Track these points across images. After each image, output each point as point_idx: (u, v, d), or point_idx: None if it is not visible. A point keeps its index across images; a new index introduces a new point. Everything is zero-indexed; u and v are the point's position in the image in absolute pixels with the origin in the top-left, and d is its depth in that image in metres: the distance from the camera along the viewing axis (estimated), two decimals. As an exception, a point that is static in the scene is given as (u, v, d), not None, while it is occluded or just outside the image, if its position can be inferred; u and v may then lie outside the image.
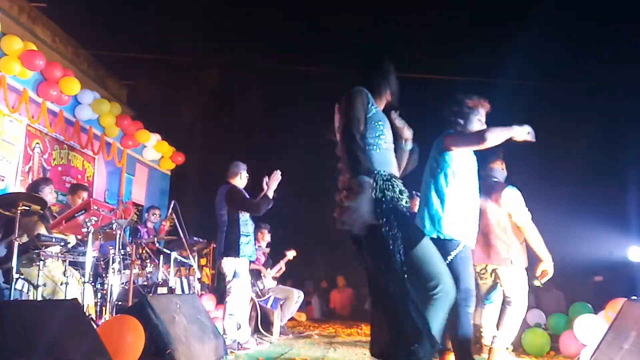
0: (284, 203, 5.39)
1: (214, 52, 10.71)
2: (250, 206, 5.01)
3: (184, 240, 6.19)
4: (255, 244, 5.29)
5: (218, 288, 8.73)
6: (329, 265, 11.52)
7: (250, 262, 5.23)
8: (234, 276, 4.92)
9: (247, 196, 5.13)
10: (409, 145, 2.84)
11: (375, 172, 2.47)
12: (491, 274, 4.41)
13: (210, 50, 10.68)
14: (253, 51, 10.90)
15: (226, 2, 9.76)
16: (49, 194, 4.89)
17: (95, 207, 4.27)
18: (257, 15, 10.13)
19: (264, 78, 10.93)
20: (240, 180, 5.23)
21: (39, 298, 4.13)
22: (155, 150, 8.70)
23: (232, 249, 4.90)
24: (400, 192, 2.50)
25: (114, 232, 4.77)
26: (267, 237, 7.02)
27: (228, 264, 4.93)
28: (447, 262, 3.18)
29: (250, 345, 5.03)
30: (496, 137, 3.19)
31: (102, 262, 4.90)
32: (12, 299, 3.93)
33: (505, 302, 4.47)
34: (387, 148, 2.63)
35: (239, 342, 4.91)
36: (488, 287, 4.50)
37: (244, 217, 5.03)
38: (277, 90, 11.29)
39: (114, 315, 4.36)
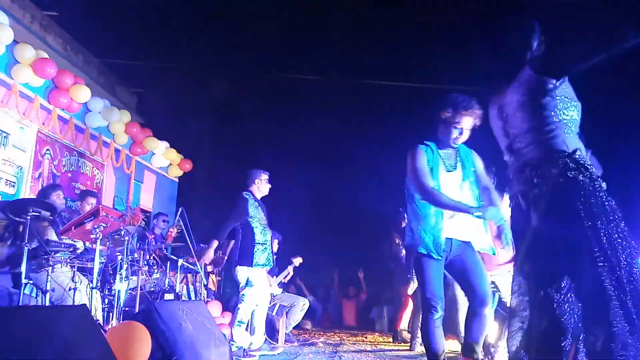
0: (293, 211, 5.42)
1: (222, 61, 10.80)
2: (231, 219, 4.98)
3: (191, 247, 6.23)
4: (271, 252, 5.26)
5: (224, 295, 8.75)
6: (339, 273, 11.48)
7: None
8: (246, 284, 4.94)
9: (246, 210, 5.01)
10: None
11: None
12: (490, 284, 4.50)
13: (219, 59, 10.77)
14: (262, 60, 10.97)
15: (235, 11, 9.84)
16: (57, 200, 4.95)
17: (105, 214, 4.32)
18: (267, 25, 10.19)
19: (273, 87, 11.00)
20: (257, 188, 5.16)
21: (48, 303, 4.17)
22: (163, 157, 8.78)
23: (246, 258, 4.91)
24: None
25: (123, 239, 4.82)
26: (275, 247, 7.05)
27: (241, 273, 4.95)
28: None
29: (263, 350, 5.06)
30: (440, 204, 3.21)
31: (110, 268, 4.94)
32: (21, 304, 3.98)
33: (505, 311, 4.53)
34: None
35: (245, 350, 4.93)
36: None
37: (260, 226, 5.02)
38: (286, 99, 11.35)
39: (121, 321, 4.39)
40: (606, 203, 2.17)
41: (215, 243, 4.95)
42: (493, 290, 4.56)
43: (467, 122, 3.30)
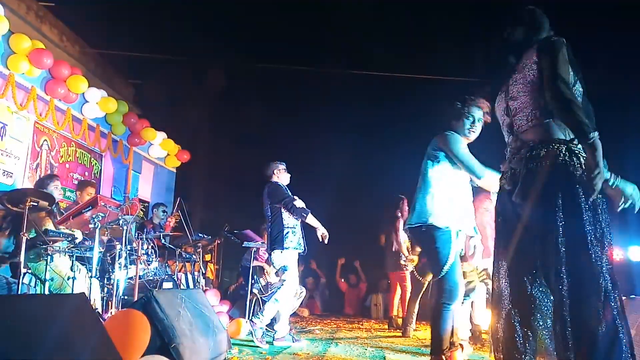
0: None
1: (220, 52, 10.79)
2: (287, 202, 5.12)
3: (189, 236, 6.26)
4: (302, 235, 5.31)
5: (222, 283, 8.81)
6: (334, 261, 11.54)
7: (300, 253, 5.28)
8: (285, 269, 5.08)
9: (288, 193, 5.23)
10: None
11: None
12: (480, 273, 4.62)
13: (216, 50, 10.76)
14: (259, 51, 10.96)
15: (233, 2, 9.83)
16: (54, 190, 4.96)
17: (103, 204, 4.35)
18: (264, 16, 10.18)
19: (269, 78, 11.00)
20: (278, 177, 5.35)
21: (46, 292, 4.21)
22: (161, 148, 8.80)
23: (277, 242, 5.06)
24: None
25: (121, 228, 4.85)
26: None
27: (276, 257, 5.09)
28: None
29: (286, 341, 5.13)
30: (486, 179, 3.26)
31: (108, 258, 4.98)
32: (19, 293, 4.01)
33: None
34: None
35: (264, 331, 5.01)
36: (470, 287, 4.74)
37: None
38: (283, 90, 11.35)
39: (119, 309, 4.43)
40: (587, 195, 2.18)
41: (311, 217, 5.18)
42: (484, 280, 4.68)
43: (477, 112, 3.39)
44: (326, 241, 5.25)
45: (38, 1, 7.27)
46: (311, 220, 5.20)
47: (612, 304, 2.06)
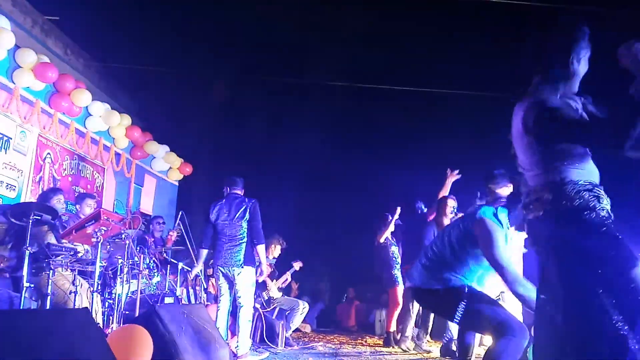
0: (292, 215, 5.47)
1: (223, 65, 10.84)
2: (258, 224, 5.19)
3: (190, 250, 6.25)
4: None
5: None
6: (336, 277, 11.51)
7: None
8: (251, 284, 5.10)
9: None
10: None
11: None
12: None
13: (219, 63, 10.81)
14: (262, 64, 11.01)
15: (234, 16, 9.89)
16: (57, 204, 4.96)
17: (105, 217, 4.34)
18: (266, 29, 10.24)
19: (272, 91, 11.03)
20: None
21: (48, 306, 4.18)
22: (163, 161, 8.81)
23: (251, 259, 5.09)
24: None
25: (123, 242, 4.84)
26: (277, 252, 7.05)
27: (250, 273, 5.08)
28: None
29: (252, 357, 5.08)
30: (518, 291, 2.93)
31: (110, 272, 4.96)
32: (21, 307, 3.99)
33: None
34: None
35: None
36: None
37: None
38: (285, 104, 11.38)
39: (121, 324, 4.41)
40: (602, 229, 2.14)
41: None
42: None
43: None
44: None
45: (43, 15, 7.31)
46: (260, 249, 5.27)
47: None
